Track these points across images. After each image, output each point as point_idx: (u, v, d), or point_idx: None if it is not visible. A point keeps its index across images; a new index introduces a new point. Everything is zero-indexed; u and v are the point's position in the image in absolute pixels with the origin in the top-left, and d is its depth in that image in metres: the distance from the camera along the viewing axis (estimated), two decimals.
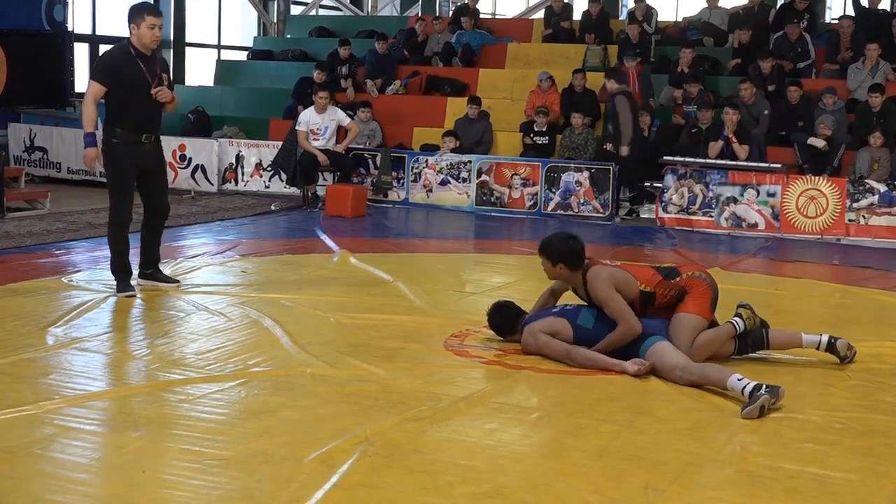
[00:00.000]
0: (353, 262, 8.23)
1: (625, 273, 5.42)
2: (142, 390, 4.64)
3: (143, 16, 6.43)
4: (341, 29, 17.58)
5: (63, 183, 13.26)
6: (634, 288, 5.37)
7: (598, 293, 5.31)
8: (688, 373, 4.94)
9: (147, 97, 6.50)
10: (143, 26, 6.41)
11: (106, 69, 6.50)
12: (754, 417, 4.48)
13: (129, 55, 6.48)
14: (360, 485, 3.59)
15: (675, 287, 5.39)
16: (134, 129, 6.53)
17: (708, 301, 5.39)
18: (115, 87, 6.45)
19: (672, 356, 5.06)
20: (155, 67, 6.57)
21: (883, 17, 13.74)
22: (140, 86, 6.47)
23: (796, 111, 11.96)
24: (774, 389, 4.59)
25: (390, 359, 5.31)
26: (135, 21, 6.44)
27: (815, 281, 8.45)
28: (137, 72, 6.46)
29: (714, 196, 11.15)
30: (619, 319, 5.24)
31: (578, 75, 13.19)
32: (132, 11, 6.48)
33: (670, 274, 5.46)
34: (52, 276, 7.23)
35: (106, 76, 6.47)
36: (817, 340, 5.49)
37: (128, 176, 6.60)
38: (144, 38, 6.44)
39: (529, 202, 11.95)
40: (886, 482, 3.83)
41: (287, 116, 13.83)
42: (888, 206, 10.59)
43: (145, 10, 6.47)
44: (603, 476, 3.78)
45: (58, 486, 3.52)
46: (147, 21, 6.41)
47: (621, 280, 5.36)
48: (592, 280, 5.36)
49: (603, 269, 5.40)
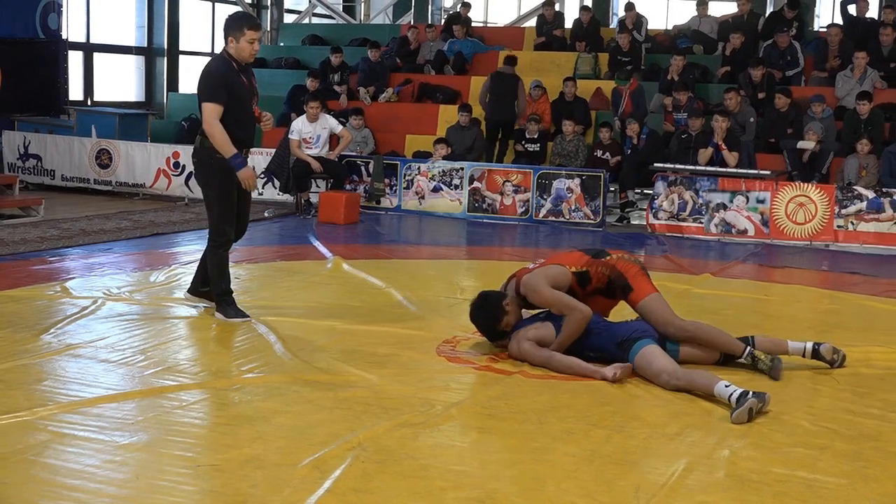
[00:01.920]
0: (346, 269, 8.26)
1: (552, 266, 5.52)
2: (135, 396, 4.65)
3: (243, 30, 6.08)
4: (334, 37, 17.63)
5: (57, 190, 13.26)
6: (567, 274, 5.48)
7: (542, 298, 5.42)
8: (675, 378, 4.99)
9: (250, 110, 6.26)
10: (243, 40, 6.08)
11: (220, 87, 6.07)
12: (743, 422, 4.52)
13: (232, 69, 6.14)
14: (352, 490, 3.62)
15: (606, 265, 5.50)
16: (237, 142, 6.19)
17: (648, 279, 5.54)
18: (226, 101, 6.12)
19: (660, 361, 5.10)
20: (252, 79, 6.32)
21: (870, 25, 13.83)
22: (245, 99, 6.20)
23: (785, 118, 12.04)
24: (761, 395, 4.64)
25: (383, 365, 5.33)
26: (233, 34, 6.10)
27: (803, 287, 8.50)
28: (241, 84, 6.18)
29: (704, 202, 11.20)
30: (568, 310, 5.33)
31: (569, 83, 13.26)
32: (231, 23, 6.15)
33: (599, 254, 5.60)
34: (46, 283, 7.24)
35: (222, 94, 6.05)
36: (802, 348, 5.56)
37: (231, 190, 6.30)
38: (244, 52, 6.13)
39: (521, 209, 11.99)
40: (875, 486, 3.87)
41: (280, 124, 13.80)
42: (876, 213, 10.65)
43: (245, 24, 6.12)
44: (594, 480, 3.81)
45: (52, 492, 3.54)
46: (247, 35, 6.10)
47: (552, 274, 5.46)
48: (530, 292, 5.47)
49: (531, 276, 5.49)
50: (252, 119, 6.34)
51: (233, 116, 6.12)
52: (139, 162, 13.14)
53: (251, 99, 6.28)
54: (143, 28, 18.09)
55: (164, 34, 18.09)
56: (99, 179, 13.33)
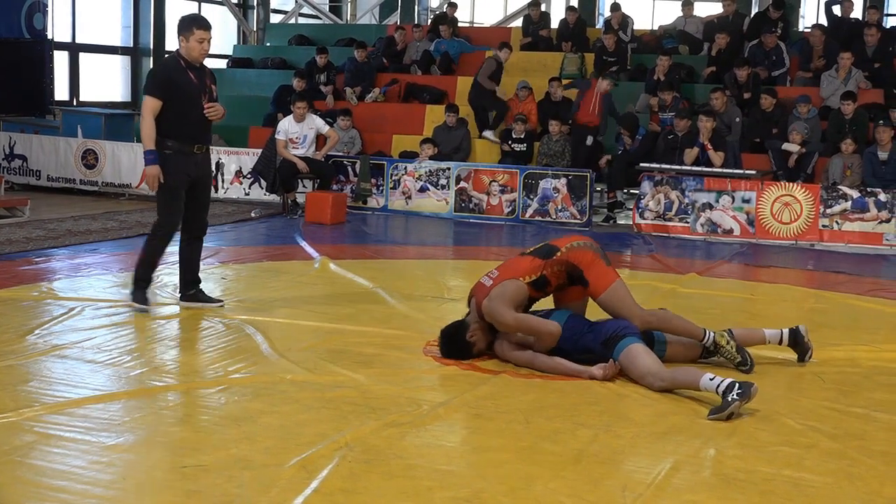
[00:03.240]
0: (333, 269, 8.25)
1: (507, 284, 5.37)
2: (122, 397, 4.64)
3: (192, 29, 6.31)
4: (321, 37, 17.61)
5: (43, 190, 13.21)
6: (522, 288, 5.37)
7: (506, 326, 5.34)
8: (658, 379, 4.99)
9: (199, 108, 6.40)
10: (193, 40, 6.31)
11: (161, 82, 6.35)
12: (722, 420, 4.55)
13: (180, 67, 6.38)
14: (339, 490, 3.62)
15: (559, 263, 5.41)
16: (187, 139, 6.40)
17: (604, 265, 5.46)
18: (170, 99, 6.31)
19: (644, 362, 5.09)
20: (205, 78, 6.47)
21: (855, 25, 13.90)
22: (193, 97, 6.36)
23: (771, 118, 12.10)
24: (747, 387, 4.63)
25: (370, 364, 5.34)
26: (184, 34, 6.33)
27: (789, 286, 8.54)
28: (188, 82, 6.35)
29: (690, 202, 11.24)
30: (534, 333, 5.32)
31: (555, 83, 13.28)
32: (182, 24, 6.40)
33: (548, 252, 5.47)
34: (31, 284, 7.21)
35: (162, 90, 6.30)
36: (778, 334, 5.62)
37: (180, 185, 6.43)
38: (193, 51, 6.34)
39: (508, 209, 12.00)
40: (860, 484, 3.89)
41: (267, 124, 13.84)
42: (861, 212, 10.71)
43: (195, 24, 6.37)
44: (581, 480, 3.82)
45: (38, 493, 3.53)
46: (196, 35, 6.31)
47: (510, 296, 5.33)
48: (494, 322, 5.36)
49: (489, 302, 5.33)
50: (203, 116, 6.45)
51: (179, 113, 6.34)
52: (125, 162, 13.10)
53: (200, 97, 6.40)
54: (128, 28, 18.03)
55: (150, 34, 18.02)
56: (85, 180, 13.29)
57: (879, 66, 13.00)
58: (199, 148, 6.52)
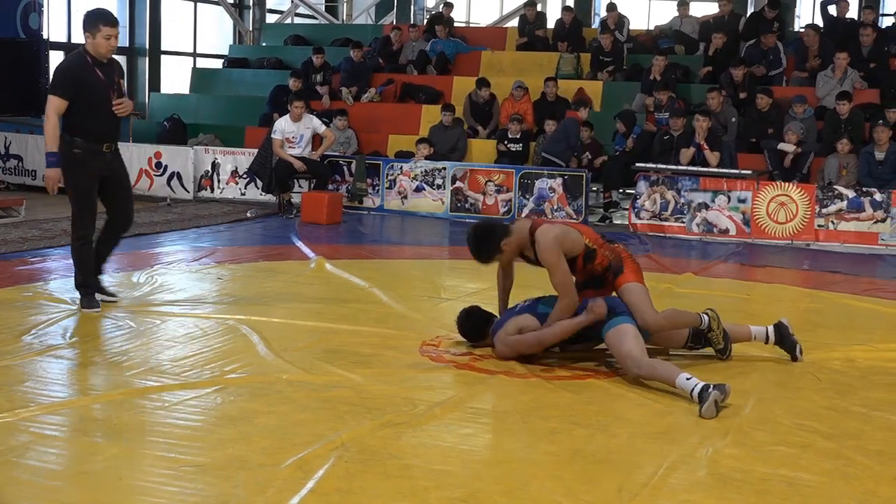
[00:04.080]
0: (329, 269, 8.25)
1: (572, 229, 5.50)
2: (117, 397, 4.63)
3: (98, 26, 6.20)
4: (317, 37, 17.60)
5: (38, 191, 13.11)
6: (580, 243, 5.43)
7: (546, 257, 5.33)
8: (636, 365, 5.03)
9: (108, 105, 6.32)
10: (99, 36, 6.21)
11: (65, 81, 6.25)
12: (713, 416, 4.55)
13: (86, 63, 6.28)
14: (336, 490, 3.61)
15: (613, 251, 5.49)
16: (95, 138, 6.33)
17: (641, 272, 5.54)
18: (76, 97, 6.24)
19: (630, 344, 5.11)
20: (113, 74, 6.40)
21: (850, 25, 13.92)
22: (100, 94, 6.29)
23: (766, 118, 12.11)
24: (721, 387, 4.65)
25: (366, 364, 5.33)
26: (90, 31, 6.22)
27: (785, 286, 8.55)
28: (96, 80, 6.27)
29: (686, 202, 11.25)
30: (562, 293, 5.33)
31: (550, 83, 13.29)
32: (87, 20, 6.27)
33: (609, 239, 5.61)
34: (27, 284, 7.20)
35: (66, 88, 6.22)
36: (764, 332, 5.68)
37: (91, 187, 6.39)
38: (100, 47, 6.24)
39: (504, 208, 12.01)
40: (855, 484, 3.89)
41: (262, 124, 13.84)
42: (856, 212, 10.72)
43: (100, 21, 6.24)
44: (577, 480, 3.82)
45: (33, 493, 3.52)
46: (103, 31, 6.22)
47: (568, 237, 5.40)
48: (541, 242, 5.36)
49: (550, 228, 5.43)
50: (111, 113, 6.37)
51: (87, 110, 6.29)
52: None
53: (108, 93, 6.33)
54: (124, 28, 18.00)
55: (146, 34, 18.01)
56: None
57: (875, 66, 13.02)
58: (108, 146, 6.44)
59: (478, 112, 13.59)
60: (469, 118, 13.57)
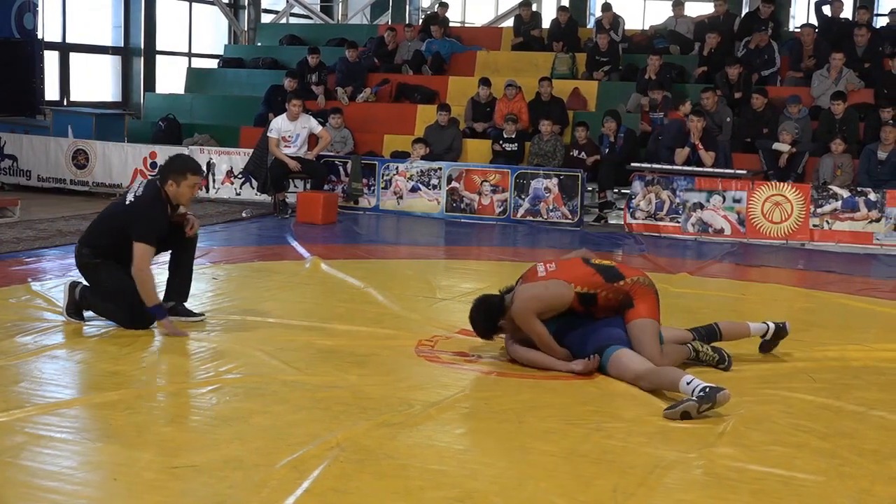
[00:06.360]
0: (325, 269, 8.24)
1: (554, 285, 5.31)
2: (112, 397, 4.63)
3: (185, 174, 5.92)
4: (312, 37, 17.58)
5: (33, 191, 13.18)
6: (567, 297, 5.28)
7: (520, 324, 5.32)
8: (641, 381, 5.00)
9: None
10: (184, 185, 5.92)
11: (156, 230, 5.90)
12: (675, 419, 4.53)
13: (167, 212, 5.99)
14: (331, 490, 3.61)
15: (619, 291, 5.31)
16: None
17: (657, 305, 5.39)
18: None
19: (631, 364, 5.09)
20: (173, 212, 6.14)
21: (845, 25, 13.94)
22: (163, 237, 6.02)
23: (761, 118, 12.12)
24: (713, 391, 4.56)
25: (361, 364, 5.33)
26: (175, 178, 5.91)
27: (780, 285, 8.56)
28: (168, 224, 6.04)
29: (681, 202, 11.26)
30: (545, 349, 5.32)
31: (545, 83, 13.28)
32: (173, 168, 5.99)
33: (613, 277, 5.36)
34: (22, 284, 7.19)
35: (157, 237, 5.89)
36: (764, 328, 5.71)
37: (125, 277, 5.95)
38: (183, 197, 5.99)
39: (499, 208, 12.01)
40: (850, 483, 3.90)
41: (258, 124, 13.82)
42: (851, 212, 10.74)
43: (188, 169, 5.97)
44: (572, 479, 3.82)
45: (28, 494, 3.52)
46: (189, 180, 5.92)
47: (547, 299, 5.29)
48: (513, 310, 5.33)
49: (524, 291, 5.33)
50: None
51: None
52: (116, 162, 13.07)
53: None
54: (119, 28, 17.99)
55: (141, 34, 17.98)
56: (75, 180, 13.25)
57: (869, 66, 13.04)
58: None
59: (480, 112, 13.54)
60: (470, 119, 13.53)
